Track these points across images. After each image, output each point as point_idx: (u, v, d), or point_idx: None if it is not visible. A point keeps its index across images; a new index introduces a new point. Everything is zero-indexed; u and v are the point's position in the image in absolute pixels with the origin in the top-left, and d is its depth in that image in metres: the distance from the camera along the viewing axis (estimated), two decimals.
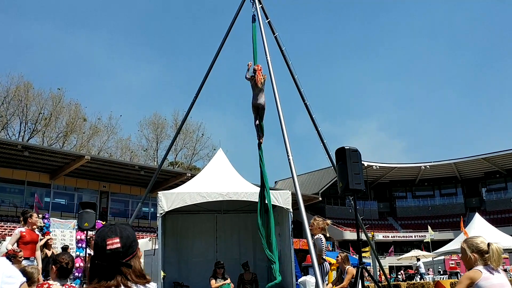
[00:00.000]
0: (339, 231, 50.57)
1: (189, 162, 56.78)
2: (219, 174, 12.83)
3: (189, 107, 12.22)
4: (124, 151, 53.66)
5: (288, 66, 11.08)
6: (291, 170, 8.21)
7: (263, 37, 9.61)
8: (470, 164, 55.18)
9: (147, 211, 36.79)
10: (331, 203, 55.88)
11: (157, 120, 55.65)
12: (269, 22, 10.76)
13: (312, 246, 7.16)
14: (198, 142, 56.54)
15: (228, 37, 11.42)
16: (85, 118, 50.47)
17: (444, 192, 59.94)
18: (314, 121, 11.24)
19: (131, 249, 1.95)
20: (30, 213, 8.11)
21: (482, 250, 3.63)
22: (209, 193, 11.02)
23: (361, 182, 7.82)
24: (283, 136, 8.37)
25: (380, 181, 59.43)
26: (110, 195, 35.78)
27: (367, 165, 50.57)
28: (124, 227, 1.99)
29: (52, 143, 46.20)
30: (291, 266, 10.88)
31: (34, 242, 7.96)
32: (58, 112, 47.21)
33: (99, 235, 1.95)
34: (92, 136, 50.60)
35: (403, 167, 57.06)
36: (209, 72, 11.64)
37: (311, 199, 45.73)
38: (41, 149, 29.65)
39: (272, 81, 9.08)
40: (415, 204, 60.48)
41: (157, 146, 55.30)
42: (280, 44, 10.93)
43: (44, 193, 31.84)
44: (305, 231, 7.47)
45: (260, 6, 10.35)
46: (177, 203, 10.71)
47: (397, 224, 57.90)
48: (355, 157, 7.97)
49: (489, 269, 3.55)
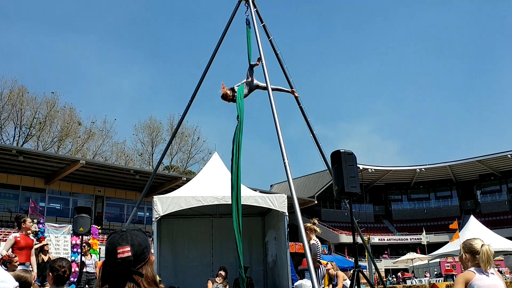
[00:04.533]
0: (335, 234, 50.58)
1: (185, 166, 56.68)
2: (214, 178, 12.82)
3: (184, 111, 12.17)
4: (119, 155, 53.51)
5: (283, 70, 11.07)
6: (286, 173, 8.20)
7: (258, 41, 9.60)
8: (465, 167, 55.38)
9: (142, 216, 36.69)
10: (326, 207, 55.91)
11: (153, 124, 55.56)
12: (264, 26, 10.77)
13: (308, 250, 7.15)
14: (193, 146, 56.52)
15: (223, 40, 11.42)
16: (79, 122, 50.28)
17: (439, 194, 60.10)
18: (309, 125, 11.23)
19: (142, 256, 1.92)
20: (23, 218, 8.06)
21: (474, 251, 3.74)
22: (204, 197, 11.01)
23: (356, 185, 7.82)
24: (279, 139, 8.35)
25: (375, 184, 59.55)
26: (105, 199, 35.66)
27: (362, 168, 50.67)
28: (136, 233, 1.95)
29: (47, 148, 45.99)
30: (287, 269, 10.86)
31: (29, 248, 7.92)
32: (52, 117, 47.00)
33: (110, 242, 1.92)
34: (87, 140, 50.43)
35: (398, 170, 57.20)
36: (204, 75, 11.62)
37: (307, 203, 45.74)
38: (35, 153, 29.52)
39: (267, 85, 9.08)
40: (411, 207, 60.62)
41: (153, 150, 55.21)
42: (275, 47, 10.93)
43: (39, 198, 31.68)
44: (301, 234, 7.46)
45: (255, 9, 10.36)
46: (173, 207, 10.69)
47: (392, 227, 57.99)
48: (350, 160, 7.97)
49: (481, 270, 3.63)
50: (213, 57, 11.48)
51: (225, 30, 11.23)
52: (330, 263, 9.64)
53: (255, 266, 13.26)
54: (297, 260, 19.74)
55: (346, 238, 48.42)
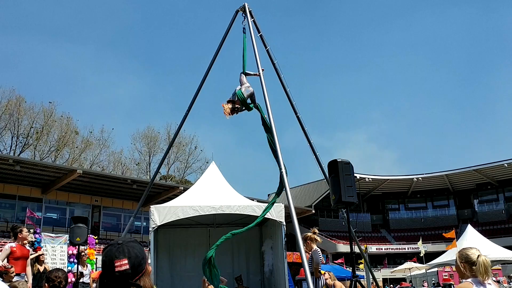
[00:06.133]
0: (333, 243, 50.44)
1: (182, 176, 56.60)
2: (211, 187, 12.80)
3: (182, 121, 12.19)
4: (117, 164, 53.44)
5: (280, 79, 11.13)
6: (284, 183, 8.21)
7: (255, 51, 9.66)
8: (462, 176, 55.43)
9: (139, 225, 36.54)
10: (324, 216, 55.81)
11: (150, 134, 55.57)
12: (261, 36, 10.83)
13: (305, 260, 7.14)
14: (191, 155, 56.48)
15: (220, 50, 11.47)
16: (77, 131, 50.25)
17: (436, 204, 60.09)
18: (306, 134, 11.27)
19: (140, 267, 1.92)
20: (20, 228, 8.04)
21: (471, 261, 3.72)
22: (201, 207, 10.99)
23: (353, 195, 7.84)
24: (276, 149, 8.37)
25: (372, 193, 59.52)
26: (102, 209, 35.51)
27: (359, 177, 50.66)
28: (132, 245, 1.95)
29: (44, 157, 45.90)
30: (284, 279, 10.82)
31: (25, 258, 7.88)
32: (50, 126, 46.96)
33: (107, 255, 1.91)
34: (84, 149, 50.36)
35: (396, 179, 57.21)
36: (202, 85, 11.65)
37: (304, 212, 45.66)
38: (32, 163, 29.44)
39: (264, 94, 9.11)
40: (408, 216, 60.55)
41: (150, 159, 55.16)
42: (272, 57, 10.99)
43: (36, 207, 31.49)
44: (298, 244, 7.45)
45: (252, 20, 10.42)
46: (170, 217, 10.66)
47: (390, 236, 57.88)
48: (347, 169, 7.99)
49: (478, 281, 3.61)
50: (210, 66, 11.53)
51: (222, 40, 11.29)
52: (327, 273, 9.61)
53: (252, 276, 13.21)
54: (294, 269, 19.67)
55: (343, 248, 48.28)
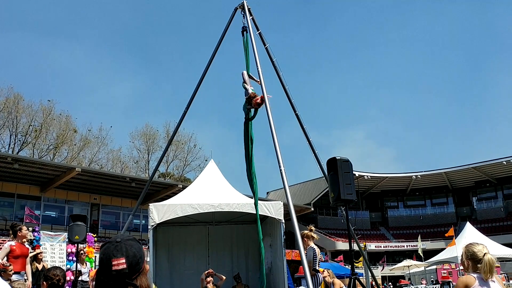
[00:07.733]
0: (331, 241, 50.51)
1: (181, 173, 56.57)
2: (210, 185, 12.79)
3: (180, 119, 12.18)
4: (115, 162, 53.40)
5: (279, 77, 11.11)
6: (283, 180, 8.20)
7: (254, 48, 9.64)
8: (461, 174, 55.51)
9: (138, 223, 36.53)
10: (323, 214, 55.88)
11: (149, 131, 55.52)
12: (260, 34, 10.81)
13: (304, 258, 7.13)
14: (189, 153, 56.44)
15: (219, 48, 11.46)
16: (75, 129, 50.18)
17: (435, 201, 60.19)
18: (305, 132, 11.25)
19: (137, 266, 1.89)
20: (19, 226, 8.03)
21: (476, 259, 3.69)
22: (200, 205, 10.98)
23: (352, 192, 7.84)
24: (275, 146, 8.36)
25: (371, 191, 59.59)
26: (101, 207, 35.49)
27: (358, 175, 50.72)
28: (131, 243, 1.91)
29: (43, 155, 45.87)
30: (283, 277, 10.82)
31: (24, 256, 7.87)
32: (48, 124, 46.92)
33: (104, 253, 1.88)
34: (82, 147, 50.33)
35: (394, 177, 57.28)
36: (200, 83, 11.64)
37: (303, 210, 45.69)
38: (31, 161, 29.41)
39: (263, 92, 9.10)
40: (407, 214, 60.66)
41: (149, 157, 55.13)
42: (271, 55, 10.97)
43: (35, 205, 31.46)
44: (297, 242, 7.44)
45: (251, 17, 10.40)
46: (169, 215, 10.65)
47: (389, 234, 57.96)
48: (346, 167, 7.99)
49: (481, 279, 3.60)
50: (209, 64, 11.52)
51: (221, 37, 11.28)
52: (326, 271, 9.62)
53: (251, 274, 13.21)
54: (293, 267, 19.70)
55: (342, 245, 48.35)
